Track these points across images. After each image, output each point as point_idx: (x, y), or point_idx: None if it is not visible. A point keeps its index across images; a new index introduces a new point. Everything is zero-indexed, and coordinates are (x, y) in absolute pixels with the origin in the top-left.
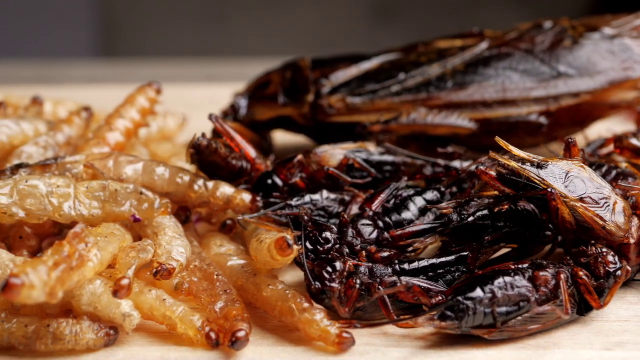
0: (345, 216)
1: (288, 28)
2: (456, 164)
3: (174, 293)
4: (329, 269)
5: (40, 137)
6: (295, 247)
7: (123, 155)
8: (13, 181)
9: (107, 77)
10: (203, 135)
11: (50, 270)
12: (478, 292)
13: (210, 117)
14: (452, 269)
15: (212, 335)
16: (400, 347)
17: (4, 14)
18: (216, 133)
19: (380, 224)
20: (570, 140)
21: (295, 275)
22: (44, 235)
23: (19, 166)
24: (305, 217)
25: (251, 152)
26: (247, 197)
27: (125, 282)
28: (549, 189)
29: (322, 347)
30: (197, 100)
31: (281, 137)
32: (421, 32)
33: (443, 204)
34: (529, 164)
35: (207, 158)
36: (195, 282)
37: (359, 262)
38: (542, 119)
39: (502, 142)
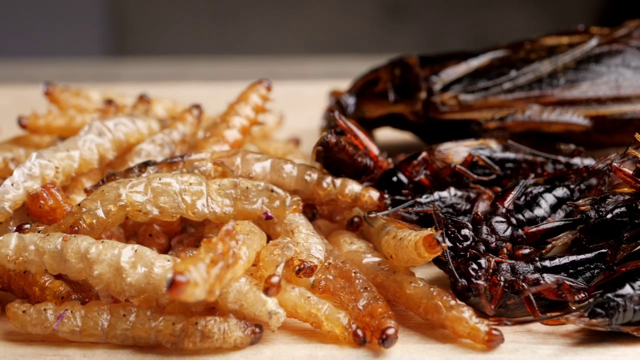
0: (479, 213)
1: (297, 27)
2: (576, 161)
3: (311, 291)
4: (474, 266)
5: (157, 135)
6: (443, 244)
7: (250, 153)
8: (146, 179)
9: (119, 76)
10: (331, 132)
11: (209, 268)
12: (628, 289)
13: (333, 114)
14: (591, 266)
15: (360, 333)
16: (547, 344)
17: (15, 13)
18: (335, 130)
19: (514, 221)
20: None
21: (423, 272)
22: (172, 233)
23: (146, 164)
24: (441, 215)
25: (374, 149)
26: (375, 194)
27: (275, 279)
28: None
29: (470, 344)
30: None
31: (381, 135)
32: (431, 33)
33: (580, 201)
34: None
35: (335, 155)
36: (332, 280)
37: (502, 260)
38: None
39: None
